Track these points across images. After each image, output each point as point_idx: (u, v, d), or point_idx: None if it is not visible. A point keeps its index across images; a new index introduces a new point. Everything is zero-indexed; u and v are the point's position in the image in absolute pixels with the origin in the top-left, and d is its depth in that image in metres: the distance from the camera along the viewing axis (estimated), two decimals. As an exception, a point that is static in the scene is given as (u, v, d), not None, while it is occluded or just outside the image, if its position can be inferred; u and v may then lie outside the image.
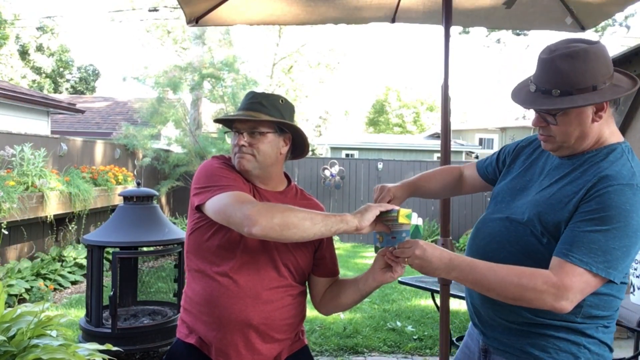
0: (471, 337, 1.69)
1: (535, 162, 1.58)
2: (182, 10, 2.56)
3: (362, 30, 46.86)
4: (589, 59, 1.35)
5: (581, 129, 1.39)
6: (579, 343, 1.40)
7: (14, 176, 5.85)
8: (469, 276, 1.38)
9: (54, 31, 25.88)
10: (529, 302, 1.33)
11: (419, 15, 2.92)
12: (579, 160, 1.44)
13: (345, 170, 11.56)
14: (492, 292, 1.36)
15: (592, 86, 1.34)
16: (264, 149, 1.66)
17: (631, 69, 4.63)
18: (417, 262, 1.41)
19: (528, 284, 1.30)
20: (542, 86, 1.39)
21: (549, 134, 1.44)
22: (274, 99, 1.70)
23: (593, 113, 1.38)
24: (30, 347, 1.74)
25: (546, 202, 1.42)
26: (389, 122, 35.97)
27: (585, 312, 1.39)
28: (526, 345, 1.44)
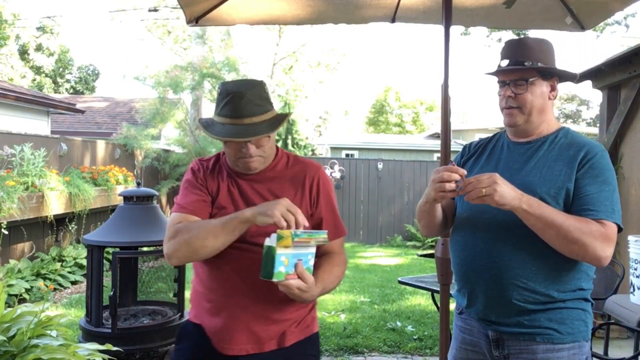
0: (469, 333, 1.72)
1: (492, 153, 1.78)
2: (182, 10, 2.56)
3: (362, 30, 46.88)
4: (549, 45, 1.69)
5: (542, 102, 1.65)
6: (584, 309, 1.60)
7: (14, 176, 5.85)
8: (537, 210, 1.46)
9: (53, 31, 25.87)
10: (582, 246, 1.45)
11: (418, 15, 2.92)
12: (544, 142, 1.66)
13: (345, 170, 11.56)
14: (553, 230, 1.46)
15: (552, 64, 1.66)
16: (269, 146, 1.67)
17: (631, 69, 4.62)
18: (499, 191, 1.44)
19: (585, 228, 1.46)
20: (514, 59, 1.64)
21: (516, 105, 1.66)
22: (262, 92, 1.63)
23: (549, 91, 1.67)
24: (30, 347, 1.74)
25: (543, 179, 1.58)
26: (389, 122, 35.96)
27: (586, 274, 1.60)
28: (544, 321, 1.56)
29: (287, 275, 1.42)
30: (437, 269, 2.33)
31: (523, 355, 1.58)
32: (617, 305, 3.40)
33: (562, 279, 1.56)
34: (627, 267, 3.50)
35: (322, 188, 1.73)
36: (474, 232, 1.65)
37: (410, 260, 9.26)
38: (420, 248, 10.92)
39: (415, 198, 11.60)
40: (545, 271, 1.55)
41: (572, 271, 1.56)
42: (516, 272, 1.56)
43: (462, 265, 1.70)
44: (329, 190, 1.76)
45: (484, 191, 1.44)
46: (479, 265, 1.63)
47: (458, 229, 1.75)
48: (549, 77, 1.66)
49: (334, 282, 1.64)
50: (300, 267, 1.45)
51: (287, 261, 1.41)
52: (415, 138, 25.03)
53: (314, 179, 1.73)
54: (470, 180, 1.48)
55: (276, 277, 1.41)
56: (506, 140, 1.77)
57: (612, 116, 5.04)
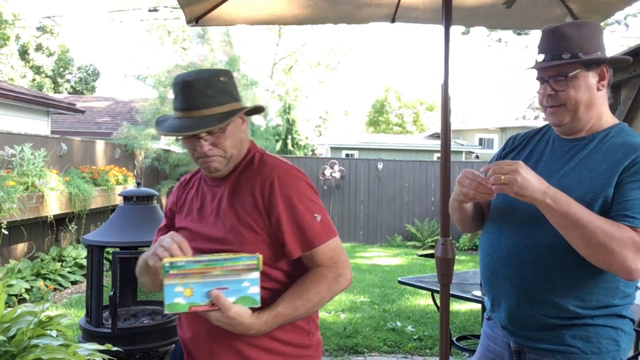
0: (494, 341, 1.63)
1: (535, 148, 1.62)
2: (182, 10, 2.56)
3: (362, 30, 46.89)
4: (592, 29, 1.49)
5: (589, 96, 1.46)
6: (617, 327, 1.43)
7: (14, 176, 5.85)
8: (563, 206, 1.31)
9: (53, 31, 25.88)
10: (609, 253, 1.29)
11: (418, 15, 2.92)
12: (592, 140, 1.48)
13: (345, 170, 11.56)
14: (577, 230, 1.31)
15: (597, 53, 1.46)
16: (229, 144, 1.46)
17: (631, 69, 4.62)
18: (520, 180, 1.29)
19: (616, 233, 1.29)
20: (550, 52, 1.47)
21: (560, 103, 1.48)
22: (214, 81, 1.42)
23: (597, 81, 1.47)
24: (30, 347, 1.74)
25: (580, 183, 1.42)
26: (389, 122, 35.98)
27: (622, 291, 1.43)
28: (568, 338, 1.42)
29: (194, 306, 1.27)
30: (437, 269, 2.33)
31: None
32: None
33: (590, 295, 1.41)
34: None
35: (278, 194, 1.42)
36: (500, 236, 1.54)
37: (410, 260, 9.26)
38: (420, 248, 10.92)
39: (415, 198, 11.61)
40: (570, 285, 1.41)
41: (602, 287, 1.41)
42: (538, 285, 1.44)
43: (486, 270, 1.60)
44: (289, 195, 1.43)
45: (502, 178, 1.31)
46: (500, 273, 1.52)
47: (486, 231, 1.64)
48: (594, 66, 1.46)
49: (311, 301, 1.40)
50: (218, 297, 1.26)
51: (190, 291, 1.26)
52: (415, 138, 25.04)
53: (265, 185, 1.44)
54: (491, 165, 1.35)
55: (169, 309, 1.27)
56: (553, 134, 1.59)
57: (612, 116, 5.03)
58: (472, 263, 8.57)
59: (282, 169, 1.48)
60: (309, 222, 1.42)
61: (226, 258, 1.27)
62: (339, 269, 1.46)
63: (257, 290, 1.30)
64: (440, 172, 2.41)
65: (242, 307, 1.29)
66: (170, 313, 1.30)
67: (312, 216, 1.43)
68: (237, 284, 1.28)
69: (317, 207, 1.46)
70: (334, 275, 1.44)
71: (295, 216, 1.42)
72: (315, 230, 1.43)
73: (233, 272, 1.27)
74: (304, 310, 1.40)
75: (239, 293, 1.28)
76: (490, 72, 50.66)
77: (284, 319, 1.37)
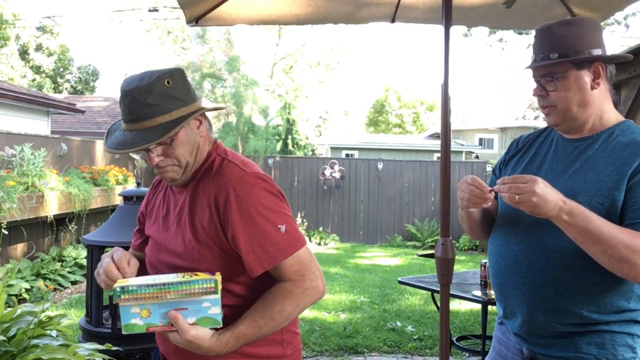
0: (506, 347, 1.59)
1: (539, 151, 1.58)
2: (182, 10, 2.56)
3: (362, 30, 46.90)
4: (584, 26, 1.45)
5: (581, 95, 1.43)
6: (632, 333, 1.39)
7: (14, 176, 5.85)
8: (580, 222, 1.26)
9: (53, 31, 25.89)
10: (632, 267, 1.25)
11: (418, 14, 2.91)
12: (597, 140, 1.44)
13: (345, 170, 11.56)
14: (598, 246, 1.26)
15: (588, 51, 1.41)
16: (182, 152, 1.35)
17: (631, 69, 4.62)
18: (535, 200, 1.25)
19: (638, 246, 1.24)
20: (540, 53, 1.45)
21: (550, 104, 1.46)
22: (157, 87, 1.29)
23: (591, 80, 1.43)
24: (30, 347, 1.74)
25: (587, 186, 1.38)
26: (389, 122, 35.99)
27: (637, 294, 1.38)
28: (582, 345, 1.39)
29: (152, 327, 1.23)
30: (437, 269, 2.32)
31: None
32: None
33: (603, 299, 1.37)
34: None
35: (235, 209, 1.30)
36: (508, 242, 1.50)
37: (410, 260, 9.26)
38: (420, 248, 10.92)
39: (415, 198, 11.61)
40: (582, 290, 1.37)
41: (616, 291, 1.37)
42: (548, 292, 1.40)
43: (496, 276, 1.56)
44: (246, 209, 1.30)
45: (517, 198, 1.27)
46: (510, 280, 1.49)
47: (494, 236, 1.59)
48: (587, 64, 1.42)
49: (276, 319, 1.30)
50: (175, 318, 1.21)
51: (147, 312, 1.21)
52: (415, 138, 25.05)
53: (220, 199, 1.32)
54: (507, 180, 1.30)
55: (125, 329, 1.23)
56: (556, 135, 1.55)
57: (612, 116, 5.04)
58: (472, 263, 8.57)
59: (239, 178, 1.33)
60: (271, 236, 1.29)
61: (181, 281, 1.21)
62: (306, 282, 1.32)
63: (218, 310, 1.23)
64: (440, 172, 2.41)
65: (201, 329, 1.23)
66: (124, 333, 1.25)
67: (274, 228, 1.30)
68: (197, 304, 1.22)
69: (281, 216, 1.33)
70: (301, 290, 1.31)
71: (254, 232, 1.29)
72: (278, 244, 1.30)
73: (190, 295, 1.21)
74: (268, 329, 1.30)
75: (199, 313, 1.23)
76: (490, 72, 50.65)
77: (247, 339, 1.29)
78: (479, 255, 9.96)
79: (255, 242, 1.29)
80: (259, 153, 12.04)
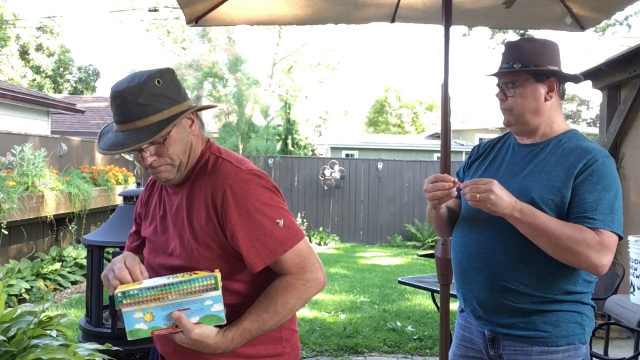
0: (469, 331, 1.74)
1: (497, 155, 1.78)
2: (182, 10, 2.56)
3: (362, 30, 46.86)
4: (547, 46, 1.66)
5: (536, 104, 1.63)
6: (581, 312, 1.58)
7: (14, 176, 5.85)
8: (529, 218, 1.47)
9: (53, 31, 25.89)
10: (575, 255, 1.44)
11: (418, 14, 2.91)
12: (547, 145, 1.64)
13: (345, 170, 11.56)
14: (544, 239, 1.46)
15: (547, 66, 1.63)
16: (175, 151, 1.35)
17: (631, 69, 4.62)
18: (493, 199, 1.46)
19: (579, 236, 1.44)
20: (506, 62, 1.66)
21: (507, 107, 1.67)
22: (148, 87, 1.29)
23: (545, 92, 1.63)
24: (30, 347, 1.74)
25: (539, 184, 1.56)
26: (389, 123, 35.99)
27: (582, 279, 1.58)
28: (539, 324, 1.56)
29: (157, 330, 1.23)
30: (437, 269, 2.32)
31: (518, 356, 1.59)
32: (617, 305, 3.40)
33: (555, 283, 1.55)
34: (627, 267, 3.50)
35: (232, 207, 1.31)
36: (470, 233, 1.67)
37: (410, 260, 9.26)
38: (420, 248, 10.92)
39: (415, 198, 11.61)
40: (536, 275, 1.55)
41: (566, 275, 1.56)
42: (508, 275, 1.57)
43: (459, 265, 1.73)
44: (244, 206, 1.31)
45: (478, 196, 1.47)
46: (472, 267, 1.65)
47: (457, 230, 1.77)
48: (544, 77, 1.63)
49: (279, 313, 1.31)
50: (179, 319, 1.21)
51: (151, 316, 1.22)
52: (415, 138, 25.04)
53: (217, 197, 1.33)
54: (468, 183, 1.51)
55: (130, 335, 1.23)
56: (513, 142, 1.76)
57: (612, 116, 5.04)
58: (472, 263, 8.57)
59: (235, 176, 1.34)
60: (269, 230, 1.31)
61: (181, 281, 1.22)
62: (307, 274, 1.34)
63: (221, 307, 1.24)
64: (440, 172, 2.40)
65: (206, 327, 1.24)
66: (130, 339, 1.25)
67: (272, 223, 1.32)
68: (199, 303, 1.23)
69: (279, 211, 1.34)
70: (303, 282, 1.33)
71: (253, 227, 1.30)
72: (277, 238, 1.31)
73: (191, 294, 1.22)
74: (272, 323, 1.31)
75: (202, 312, 1.23)
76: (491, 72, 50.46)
77: (252, 334, 1.30)
78: (479, 255, 9.95)
79: (254, 238, 1.30)
80: (259, 153, 12.04)
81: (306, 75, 20.35)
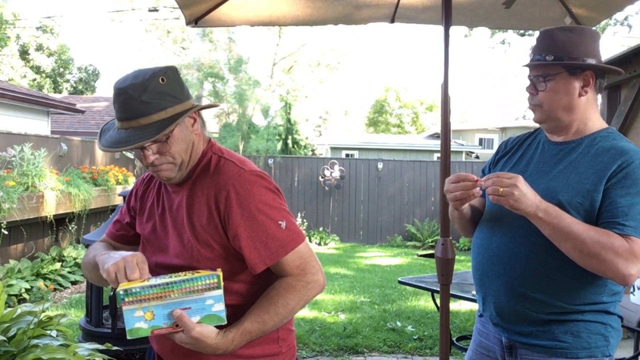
0: (486, 337, 1.66)
1: (526, 152, 1.66)
2: (182, 11, 2.56)
3: (362, 30, 46.84)
4: (584, 36, 1.51)
5: (568, 100, 1.50)
6: (605, 323, 1.48)
7: (14, 176, 5.85)
8: (554, 220, 1.36)
9: (53, 31, 25.89)
10: (601, 262, 1.34)
11: (418, 15, 2.92)
12: (580, 144, 1.51)
13: (345, 170, 11.56)
14: (569, 243, 1.36)
15: (582, 59, 1.48)
16: (177, 149, 1.35)
17: (631, 69, 4.63)
18: (516, 194, 1.34)
19: (606, 242, 1.33)
20: (538, 53, 1.52)
21: (537, 103, 1.54)
22: (152, 84, 1.29)
23: (580, 87, 1.49)
24: (30, 347, 1.74)
25: (568, 186, 1.45)
26: (388, 123, 35.98)
27: (609, 289, 1.46)
28: (559, 334, 1.46)
29: (157, 329, 1.22)
30: (437, 269, 2.33)
31: None
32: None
33: (579, 293, 1.45)
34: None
35: (235, 207, 1.31)
36: (492, 235, 1.58)
37: (410, 260, 9.26)
38: (420, 248, 10.93)
39: (415, 198, 11.61)
40: (559, 283, 1.45)
41: (592, 285, 1.45)
42: (527, 282, 1.47)
43: (478, 268, 1.63)
44: (247, 207, 1.31)
45: (501, 190, 1.36)
46: (492, 271, 1.56)
47: (479, 230, 1.67)
48: (579, 71, 1.48)
49: (280, 314, 1.31)
50: (180, 317, 1.20)
51: (151, 314, 1.21)
52: (415, 138, 25.05)
53: (220, 197, 1.32)
54: (491, 176, 1.40)
55: (130, 334, 1.21)
56: (543, 138, 1.63)
57: (612, 116, 5.04)
58: (472, 263, 8.57)
59: (238, 177, 1.34)
60: (272, 232, 1.31)
61: (184, 279, 1.21)
62: (307, 275, 1.34)
63: (222, 307, 1.23)
64: (440, 172, 2.41)
65: (206, 327, 1.23)
66: (129, 338, 1.23)
67: (275, 225, 1.32)
68: (200, 302, 1.22)
69: (281, 212, 1.34)
70: (303, 284, 1.33)
71: (256, 229, 1.30)
72: (279, 239, 1.31)
73: (194, 292, 1.21)
74: (272, 324, 1.31)
75: (203, 312, 1.22)
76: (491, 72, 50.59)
77: (252, 335, 1.29)
78: (479, 255, 9.96)
79: (257, 239, 1.30)
80: (259, 153, 12.04)
81: (306, 75, 20.34)
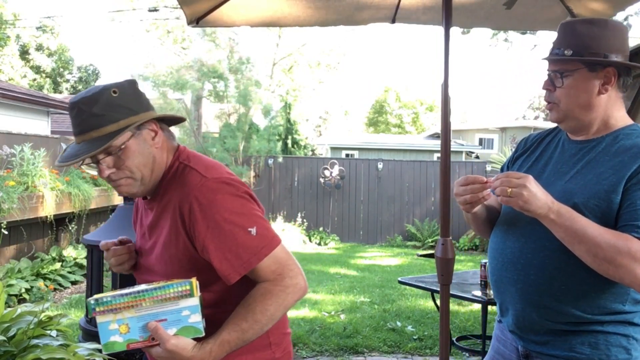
0: (504, 344, 1.60)
1: (545, 151, 1.57)
2: (183, 11, 2.56)
3: (362, 31, 46.89)
4: (607, 28, 1.39)
5: (587, 98, 1.39)
6: (627, 334, 1.37)
7: (14, 176, 5.85)
8: (567, 222, 1.28)
9: (53, 31, 25.89)
10: (617, 268, 1.24)
11: (418, 15, 2.92)
12: (600, 143, 1.42)
13: (345, 170, 11.56)
14: (583, 246, 1.27)
15: (604, 54, 1.36)
16: (134, 163, 1.31)
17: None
18: (526, 195, 1.27)
19: (623, 247, 1.24)
20: (557, 47, 1.41)
21: (553, 100, 1.44)
22: (103, 97, 1.27)
23: (600, 85, 1.39)
24: (30, 347, 1.74)
25: (584, 188, 1.36)
26: (388, 123, 35.98)
27: (632, 297, 1.36)
28: (576, 345, 1.38)
29: (133, 343, 1.19)
30: (437, 269, 2.33)
31: None
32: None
33: (598, 302, 1.35)
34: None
35: (200, 220, 1.27)
36: (505, 240, 1.50)
37: (410, 260, 9.26)
38: (420, 248, 10.92)
39: (415, 198, 11.61)
40: (575, 291, 1.36)
41: (612, 293, 1.35)
42: (542, 289, 1.39)
43: (493, 274, 1.56)
44: (212, 217, 1.26)
45: (509, 191, 1.28)
46: (506, 277, 1.48)
47: (494, 234, 1.59)
48: (599, 68, 1.37)
49: (259, 321, 1.26)
50: (156, 329, 1.17)
51: (126, 327, 1.18)
52: (415, 138, 25.05)
53: (184, 210, 1.29)
54: (500, 176, 1.32)
55: (105, 349, 1.18)
56: (564, 136, 1.53)
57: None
58: (472, 263, 8.57)
59: (200, 186, 1.29)
60: (241, 240, 1.26)
61: (155, 287, 1.18)
62: (285, 280, 1.28)
63: (198, 318, 1.20)
64: (440, 172, 2.41)
65: (182, 339, 1.19)
66: (106, 353, 1.20)
67: (244, 232, 1.26)
68: (176, 313, 1.18)
69: (250, 219, 1.29)
70: (281, 289, 1.28)
71: (224, 239, 1.25)
72: (251, 247, 1.26)
73: (166, 301, 1.18)
74: (252, 332, 1.26)
75: (179, 323, 1.19)
76: (491, 72, 50.60)
77: (231, 345, 1.24)
78: (479, 255, 9.96)
79: (226, 250, 1.25)
80: (260, 153, 12.04)
81: (306, 75, 20.33)
